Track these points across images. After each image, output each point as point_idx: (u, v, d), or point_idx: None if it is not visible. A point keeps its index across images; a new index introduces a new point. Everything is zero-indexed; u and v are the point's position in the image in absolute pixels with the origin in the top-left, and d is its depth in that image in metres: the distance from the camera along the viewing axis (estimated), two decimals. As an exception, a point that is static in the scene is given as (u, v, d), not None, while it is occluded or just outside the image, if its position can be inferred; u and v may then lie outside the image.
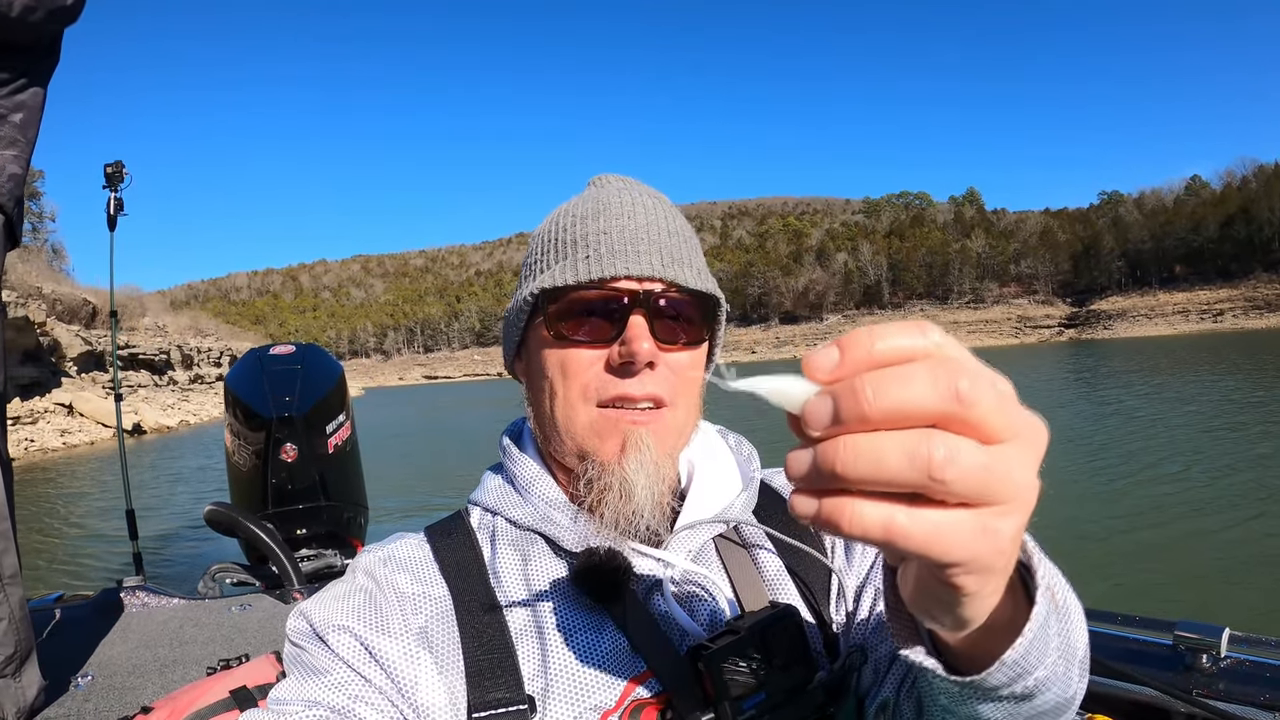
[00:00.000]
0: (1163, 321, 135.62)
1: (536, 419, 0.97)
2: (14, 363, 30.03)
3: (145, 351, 44.15)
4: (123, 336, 44.00)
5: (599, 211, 0.93)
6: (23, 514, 12.18)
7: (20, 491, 4.01)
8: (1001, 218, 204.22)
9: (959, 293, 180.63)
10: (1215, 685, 1.47)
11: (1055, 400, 23.69)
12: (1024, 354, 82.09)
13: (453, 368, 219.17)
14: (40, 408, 29.03)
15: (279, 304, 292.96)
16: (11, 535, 2.31)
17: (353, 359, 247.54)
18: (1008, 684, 0.54)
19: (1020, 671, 0.53)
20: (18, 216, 2.42)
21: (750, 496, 0.99)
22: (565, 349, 0.89)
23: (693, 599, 0.89)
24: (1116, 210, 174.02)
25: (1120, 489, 10.36)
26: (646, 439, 0.87)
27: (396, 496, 12.81)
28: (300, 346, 4.62)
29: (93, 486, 17.71)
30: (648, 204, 0.94)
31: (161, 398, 40.66)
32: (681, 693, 0.80)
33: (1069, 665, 0.59)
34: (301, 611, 0.86)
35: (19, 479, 10.71)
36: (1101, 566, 7.07)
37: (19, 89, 2.35)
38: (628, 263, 0.88)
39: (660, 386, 0.88)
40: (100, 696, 2.57)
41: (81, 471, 20.36)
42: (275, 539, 3.60)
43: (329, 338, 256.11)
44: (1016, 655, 0.52)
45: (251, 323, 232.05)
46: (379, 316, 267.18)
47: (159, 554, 9.20)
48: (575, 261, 0.90)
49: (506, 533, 0.95)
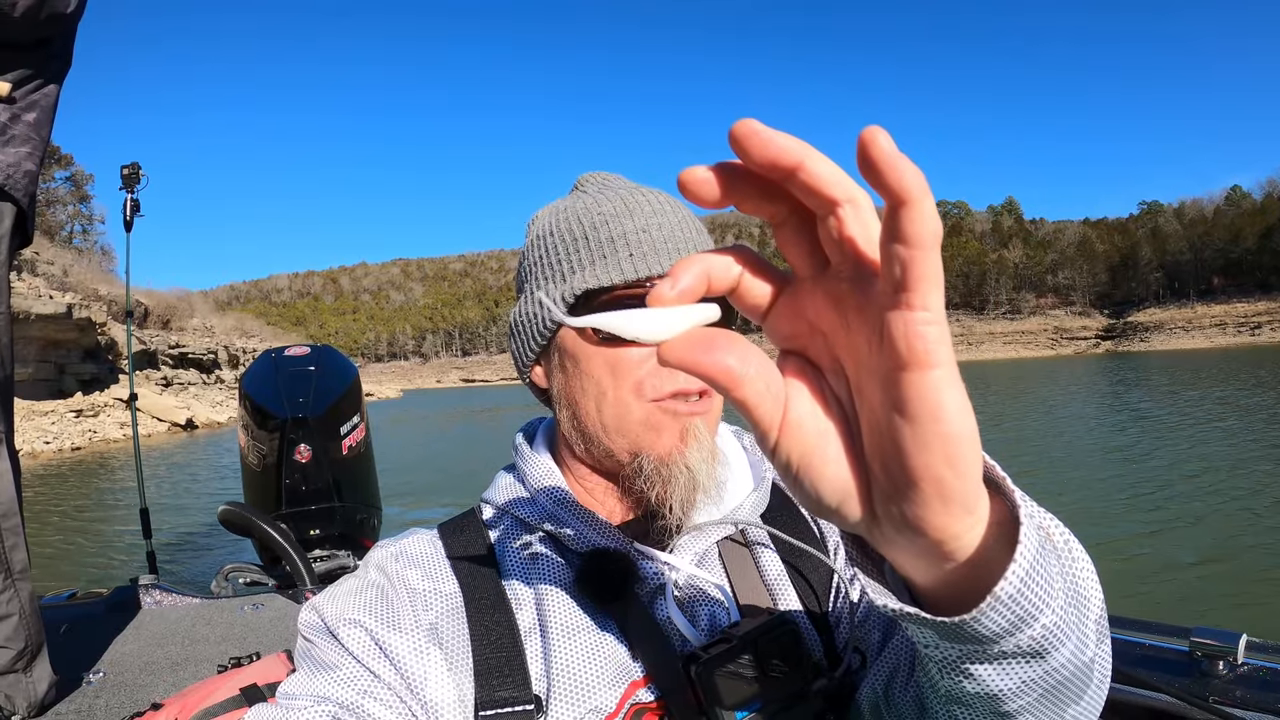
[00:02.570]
0: (1199, 334, 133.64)
1: (575, 422, 0.94)
2: (75, 359, 31.91)
3: (194, 351, 45.96)
4: (173, 336, 45.94)
5: (629, 210, 0.92)
6: (42, 509, 13.43)
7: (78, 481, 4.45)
8: (1039, 227, 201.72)
9: (995, 303, 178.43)
10: (1232, 692, 1.43)
11: (1087, 410, 23.76)
12: (1061, 366, 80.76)
13: (490, 371, 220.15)
14: (100, 402, 30.75)
15: (319, 306, 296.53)
16: (20, 531, 2.34)
17: (391, 361, 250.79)
18: (1009, 631, 0.45)
19: (1021, 614, 0.44)
20: (31, 212, 2.45)
21: (761, 497, 0.98)
22: (615, 348, 0.89)
23: (695, 603, 0.89)
24: (1156, 221, 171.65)
25: (1142, 496, 10.30)
26: (702, 428, 0.88)
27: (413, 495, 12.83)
28: (315, 348, 4.64)
29: (123, 481, 18.18)
30: (671, 202, 0.95)
31: (211, 395, 42.37)
32: (677, 700, 0.80)
33: (1082, 616, 0.52)
34: (313, 605, 0.87)
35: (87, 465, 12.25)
36: (1119, 573, 6.98)
37: (32, 89, 2.39)
38: (671, 259, 0.89)
39: None
40: (111, 693, 2.60)
41: (131, 463, 21.34)
42: (288, 539, 3.63)
43: (368, 340, 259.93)
44: (1011, 588, 0.43)
45: (292, 324, 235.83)
46: (418, 320, 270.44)
47: (175, 552, 9.23)
48: (619, 261, 0.90)
49: (516, 531, 0.95)
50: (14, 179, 2.32)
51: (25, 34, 2.27)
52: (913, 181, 0.32)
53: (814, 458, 0.41)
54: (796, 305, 0.41)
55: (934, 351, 0.35)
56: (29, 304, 27.34)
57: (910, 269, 0.34)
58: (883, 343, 0.36)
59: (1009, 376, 57.81)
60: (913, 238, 0.33)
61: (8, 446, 2.34)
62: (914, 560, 0.43)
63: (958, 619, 0.45)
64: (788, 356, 0.43)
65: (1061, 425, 20.08)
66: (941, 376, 0.36)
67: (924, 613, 0.46)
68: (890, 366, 0.36)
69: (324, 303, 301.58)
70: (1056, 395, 32.19)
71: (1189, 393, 27.58)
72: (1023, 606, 0.44)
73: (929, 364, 0.35)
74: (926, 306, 0.34)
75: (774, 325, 0.42)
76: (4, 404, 2.37)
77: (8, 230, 2.34)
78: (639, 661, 0.84)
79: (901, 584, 0.50)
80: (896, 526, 0.40)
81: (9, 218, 2.34)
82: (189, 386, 41.69)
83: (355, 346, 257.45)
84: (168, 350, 43.36)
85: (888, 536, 0.42)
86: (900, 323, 0.35)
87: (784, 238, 0.39)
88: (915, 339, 0.35)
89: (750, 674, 0.77)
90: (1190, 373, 43.53)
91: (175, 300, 56.31)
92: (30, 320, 27.10)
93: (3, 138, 2.31)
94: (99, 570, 9.11)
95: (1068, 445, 16.07)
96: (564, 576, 0.89)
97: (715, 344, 0.39)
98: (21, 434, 24.33)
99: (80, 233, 63.75)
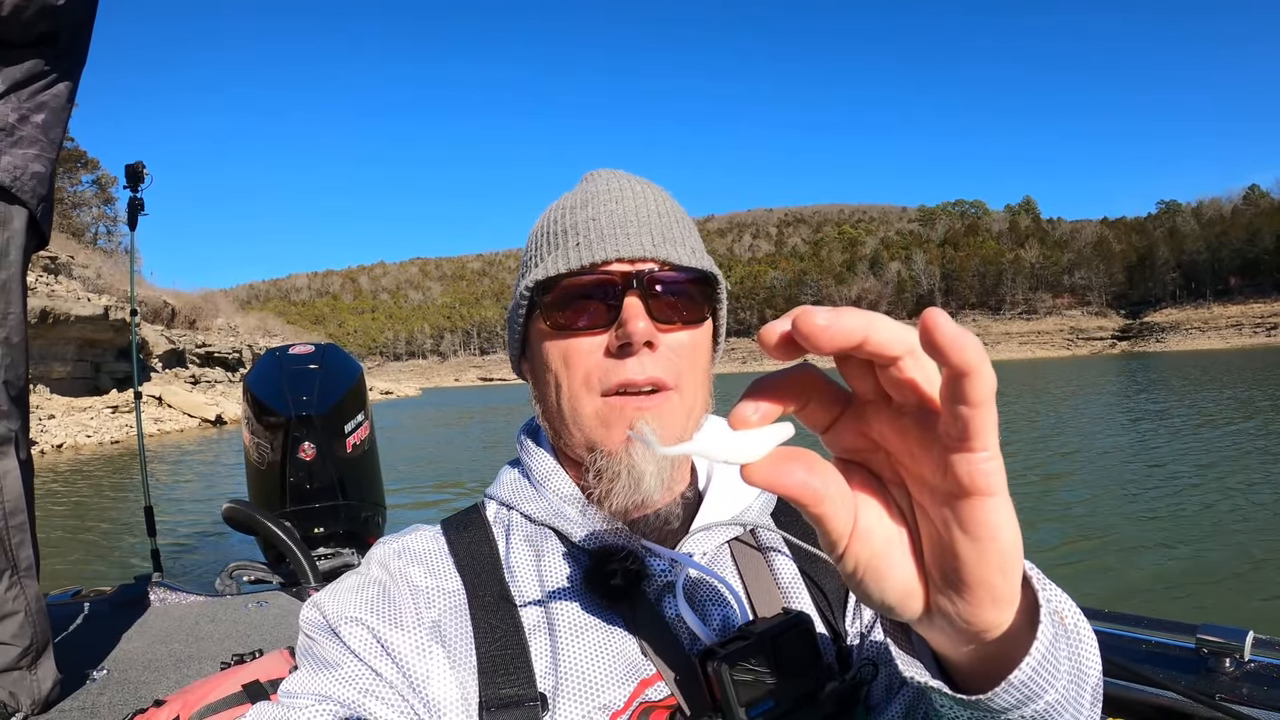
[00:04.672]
0: (1215, 335, 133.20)
1: (545, 414, 0.94)
2: (110, 358, 33.18)
3: (219, 350, 47.18)
4: (199, 336, 47.25)
5: (587, 200, 0.92)
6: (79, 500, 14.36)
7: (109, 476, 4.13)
8: (1057, 227, 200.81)
9: (1012, 303, 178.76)
10: (1238, 689, 1.43)
11: (1101, 411, 24.14)
12: (1077, 367, 79.85)
13: (508, 370, 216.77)
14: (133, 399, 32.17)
15: (338, 305, 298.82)
16: (28, 529, 2.33)
17: (410, 360, 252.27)
18: (1017, 706, 0.52)
19: (1030, 694, 0.51)
20: (44, 214, 2.40)
21: (769, 498, 0.97)
22: (565, 339, 0.88)
23: (705, 602, 0.88)
24: (1173, 220, 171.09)
25: (1152, 493, 10.35)
26: (651, 424, 0.85)
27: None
28: (319, 346, 4.63)
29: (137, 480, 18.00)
30: (636, 189, 0.94)
31: (236, 392, 43.32)
32: (689, 697, 0.79)
33: (1080, 690, 0.57)
34: (315, 603, 0.86)
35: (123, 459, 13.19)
36: (1122, 569, 7.10)
37: (40, 89, 2.32)
38: (618, 245, 0.87)
39: (661, 369, 0.86)
40: (115, 690, 2.60)
41: (169, 457, 22.02)
42: (292, 537, 3.62)
43: (387, 338, 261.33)
44: (1024, 676, 0.49)
45: (311, 323, 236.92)
46: (436, 319, 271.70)
47: (180, 550, 9.22)
48: (566, 250, 0.89)
49: (521, 527, 0.94)
50: (21, 181, 2.29)
51: (19, 32, 2.22)
52: (974, 355, 0.38)
53: (880, 563, 0.47)
54: (861, 425, 0.47)
55: (993, 484, 0.41)
56: (69, 306, 28.65)
57: (972, 423, 0.39)
58: (947, 474, 0.42)
59: (1025, 377, 57.36)
60: (975, 400, 0.39)
61: (19, 447, 2.33)
62: (950, 641, 0.49)
63: (974, 698, 0.51)
64: (850, 467, 0.48)
65: (1079, 424, 20.32)
66: (999, 503, 0.42)
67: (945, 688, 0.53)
68: (954, 493, 0.42)
69: (343, 302, 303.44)
70: (1072, 396, 32.14)
71: (1203, 393, 27.48)
72: (1031, 688, 0.51)
73: (989, 493, 0.41)
74: (986, 448, 0.40)
75: (837, 439, 0.48)
76: (19, 405, 2.35)
77: (18, 232, 2.30)
78: (649, 658, 0.83)
79: (929, 653, 0.56)
80: (948, 620, 0.47)
81: (19, 220, 2.31)
82: (215, 384, 42.95)
83: (374, 345, 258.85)
84: (195, 349, 44.67)
85: (938, 626, 0.48)
86: (965, 463, 0.41)
87: (849, 370, 0.45)
88: (979, 475, 0.41)
89: (766, 672, 0.76)
90: (1205, 373, 43.18)
91: (200, 301, 57.58)
92: (70, 322, 28.43)
93: (10, 139, 2.26)
94: (105, 567, 9.06)
95: (1083, 442, 16.29)
96: (570, 573, 0.88)
97: (797, 464, 0.43)
98: (64, 429, 25.68)
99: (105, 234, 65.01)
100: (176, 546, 9.32)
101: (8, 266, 2.27)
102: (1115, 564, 7.25)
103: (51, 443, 24.19)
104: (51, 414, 26.63)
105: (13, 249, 2.28)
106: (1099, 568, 7.13)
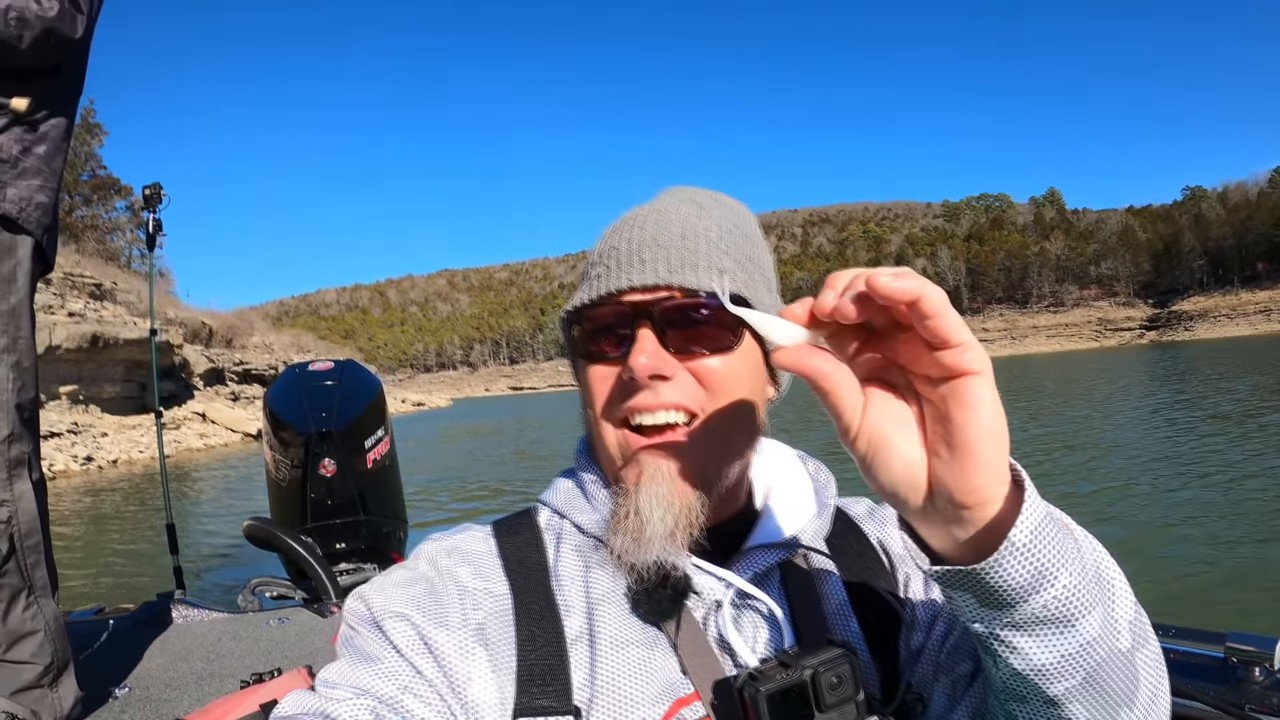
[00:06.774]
0: (1244, 321, 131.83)
1: (588, 433, 0.96)
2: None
3: (256, 367, 48.85)
4: (236, 354, 49.01)
5: (623, 223, 0.91)
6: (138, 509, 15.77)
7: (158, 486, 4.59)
8: (1082, 217, 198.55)
9: (1038, 296, 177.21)
10: (1269, 700, 1.40)
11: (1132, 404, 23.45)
12: (1106, 359, 77.76)
13: (538, 379, 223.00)
14: (180, 416, 33.88)
15: (367, 319, 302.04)
16: (43, 549, 2.33)
17: (440, 371, 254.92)
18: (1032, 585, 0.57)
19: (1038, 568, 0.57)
20: (49, 243, 2.45)
21: (823, 524, 0.94)
22: (591, 368, 0.89)
23: (750, 624, 0.86)
24: (1199, 206, 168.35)
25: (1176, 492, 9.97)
26: (663, 469, 0.83)
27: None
28: (339, 363, 4.65)
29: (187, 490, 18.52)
30: (671, 211, 0.90)
31: (271, 408, 45.37)
32: (724, 719, 0.79)
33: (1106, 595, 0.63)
34: (360, 595, 0.86)
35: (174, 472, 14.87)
36: (1153, 576, 6.76)
37: (41, 119, 2.37)
38: (631, 274, 0.86)
39: (680, 395, 0.84)
40: (136, 708, 2.59)
41: (216, 470, 23.02)
42: (313, 553, 3.64)
43: (417, 351, 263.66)
44: (1024, 536, 0.56)
45: (341, 337, 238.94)
46: (465, 329, 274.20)
47: (204, 567, 9.29)
48: (591, 279, 0.90)
49: (572, 537, 0.93)
50: (27, 212, 2.33)
51: (34, 61, 2.29)
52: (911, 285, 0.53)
53: (887, 445, 0.59)
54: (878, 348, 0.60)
55: (975, 365, 0.55)
56: (117, 330, 30.23)
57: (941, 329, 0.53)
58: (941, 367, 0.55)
59: (1052, 371, 56.44)
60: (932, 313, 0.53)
61: (31, 468, 2.33)
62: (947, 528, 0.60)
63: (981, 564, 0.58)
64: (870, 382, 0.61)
65: (1106, 421, 19.50)
66: (982, 380, 0.55)
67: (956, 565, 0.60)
68: (947, 377, 0.56)
69: (372, 315, 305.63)
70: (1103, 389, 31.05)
71: (1235, 382, 27.31)
72: (1038, 559, 0.57)
73: (973, 370, 0.55)
74: (961, 342, 0.54)
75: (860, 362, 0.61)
76: (30, 428, 2.36)
77: (25, 260, 2.35)
78: (687, 678, 0.82)
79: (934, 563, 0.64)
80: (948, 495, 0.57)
81: (25, 248, 2.35)
82: (254, 400, 44.63)
83: (404, 358, 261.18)
84: (233, 367, 46.47)
85: (939, 509, 0.59)
86: (949, 356, 0.54)
87: (869, 311, 0.57)
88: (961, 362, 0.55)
89: (805, 702, 0.75)
90: (1239, 361, 42.14)
91: (235, 319, 59.38)
92: (119, 345, 30.08)
93: (15, 171, 2.30)
94: (129, 586, 8.89)
95: (1104, 440, 15.62)
96: (616, 587, 0.87)
97: (817, 354, 0.58)
98: (116, 444, 27.10)
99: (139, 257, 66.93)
100: (201, 563, 9.47)
101: (16, 292, 2.31)
102: (1144, 569, 6.85)
103: (106, 458, 25.46)
104: (104, 432, 28.05)
105: (20, 275, 2.33)
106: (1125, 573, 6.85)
